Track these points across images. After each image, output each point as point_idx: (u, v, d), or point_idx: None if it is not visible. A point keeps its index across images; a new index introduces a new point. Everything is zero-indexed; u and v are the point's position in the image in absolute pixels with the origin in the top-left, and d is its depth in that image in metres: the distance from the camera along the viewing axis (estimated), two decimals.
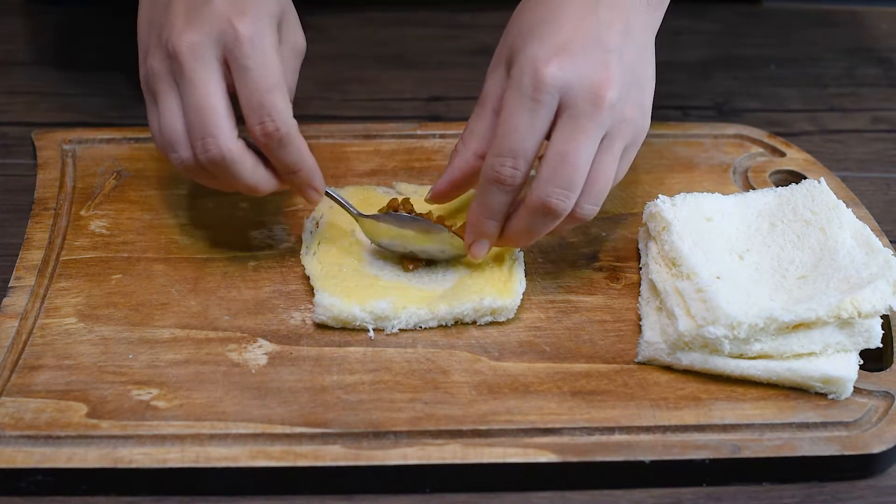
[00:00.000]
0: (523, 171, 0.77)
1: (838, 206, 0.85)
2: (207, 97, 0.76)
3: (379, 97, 1.11)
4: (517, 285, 0.82)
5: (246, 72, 0.76)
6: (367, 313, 0.80)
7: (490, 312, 0.81)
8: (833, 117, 1.10)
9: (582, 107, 0.75)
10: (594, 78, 0.76)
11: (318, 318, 0.80)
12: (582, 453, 0.72)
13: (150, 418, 0.73)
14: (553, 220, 0.78)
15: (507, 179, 0.77)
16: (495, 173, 0.77)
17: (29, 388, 0.75)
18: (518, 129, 0.76)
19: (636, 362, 0.79)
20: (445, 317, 0.81)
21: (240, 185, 0.80)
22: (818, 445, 0.73)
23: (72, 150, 0.97)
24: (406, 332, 0.80)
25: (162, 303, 0.82)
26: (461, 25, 1.23)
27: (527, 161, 0.77)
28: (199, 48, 0.76)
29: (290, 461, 0.71)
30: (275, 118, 0.77)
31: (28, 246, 0.86)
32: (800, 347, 0.76)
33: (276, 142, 0.78)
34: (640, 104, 0.80)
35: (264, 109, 0.77)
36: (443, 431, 0.73)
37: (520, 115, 0.76)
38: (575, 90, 0.76)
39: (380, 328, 0.81)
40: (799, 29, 1.25)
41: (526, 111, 0.76)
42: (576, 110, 0.76)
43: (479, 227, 0.80)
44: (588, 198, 0.78)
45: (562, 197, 0.76)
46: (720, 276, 0.79)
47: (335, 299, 0.80)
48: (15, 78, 1.12)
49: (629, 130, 0.79)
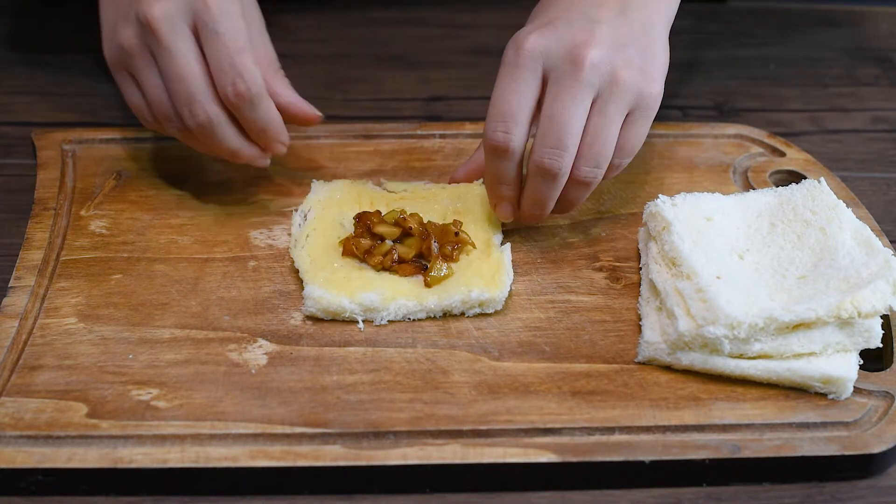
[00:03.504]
0: (515, 135, 0.80)
1: (838, 206, 0.85)
2: (189, 64, 0.81)
3: (379, 97, 1.11)
4: (505, 277, 0.83)
5: (216, 36, 0.81)
6: (356, 305, 0.80)
7: (478, 304, 0.81)
8: (833, 117, 1.10)
9: (563, 67, 0.79)
10: (574, 40, 0.79)
11: (308, 310, 0.81)
12: (582, 453, 0.72)
13: (150, 418, 0.73)
14: (552, 180, 0.81)
15: (501, 144, 0.81)
16: (489, 140, 0.81)
17: (29, 388, 0.75)
18: (504, 95, 0.80)
19: (636, 362, 0.79)
20: (434, 309, 0.81)
21: (223, 149, 0.85)
22: (818, 445, 0.73)
23: (72, 150, 0.97)
24: (406, 332, 0.80)
25: (162, 303, 0.82)
26: (461, 25, 1.23)
27: (517, 124, 0.80)
28: (172, 17, 0.80)
29: (290, 461, 0.71)
30: (246, 78, 0.81)
31: (28, 246, 0.86)
32: (800, 347, 0.76)
33: (247, 102, 0.82)
34: (642, 68, 0.81)
35: (235, 70, 0.81)
36: (443, 431, 0.73)
37: (504, 82, 0.81)
38: (555, 53, 0.80)
39: (369, 320, 0.81)
40: (799, 29, 1.25)
41: (509, 77, 0.80)
42: (558, 72, 0.79)
43: (495, 192, 0.86)
44: (585, 160, 0.81)
45: (553, 156, 0.80)
46: (720, 276, 0.79)
47: (324, 291, 0.81)
48: (15, 78, 1.12)
49: (625, 94, 0.80)
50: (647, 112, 0.82)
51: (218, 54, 0.81)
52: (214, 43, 0.81)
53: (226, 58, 0.81)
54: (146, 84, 0.83)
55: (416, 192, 0.92)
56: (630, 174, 0.96)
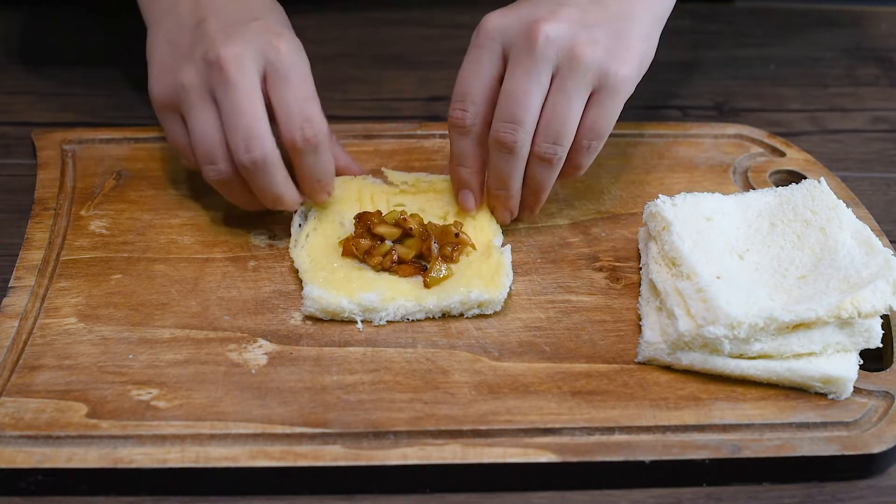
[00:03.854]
0: (470, 112, 0.83)
1: (838, 206, 0.85)
2: (253, 103, 0.80)
3: (379, 97, 1.11)
4: (504, 278, 0.83)
5: (287, 82, 0.82)
6: (355, 305, 0.81)
7: (477, 305, 0.81)
8: (833, 117, 1.10)
9: (518, 44, 0.81)
10: (532, 17, 0.80)
11: (307, 310, 0.81)
12: (582, 453, 0.72)
13: (150, 418, 0.73)
14: (509, 154, 0.82)
15: (458, 122, 0.83)
16: (449, 119, 0.84)
17: (29, 388, 0.75)
18: (463, 75, 0.83)
19: (636, 362, 0.79)
20: (433, 309, 0.81)
21: (268, 195, 0.83)
22: (818, 445, 0.73)
23: (72, 150, 0.97)
24: (406, 332, 0.80)
25: (162, 303, 0.82)
26: (461, 25, 1.23)
27: (473, 102, 0.83)
28: (244, 59, 0.81)
29: (290, 461, 0.71)
30: (314, 124, 0.81)
31: (28, 246, 0.86)
32: (800, 347, 0.76)
33: (312, 148, 0.82)
34: (608, 49, 0.81)
35: (304, 116, 0.81)
36: (443, 431, 0.73)
37: (466, 63, 0.83)
38: (512, 31, 0.81)
39: (368, 320, 0.81)
40: (799, 29, 1.25)
41: (470, 58, 0.83)
42: (514, 49, 0.81)
43: (456, 176, 0.87)
44: (544, 136, 0.82)
45: (508, 130, 0.81)
46: (720, 276, 0.79)
47: (323, 291, 0.81)
48: (15, 78, 1.12)
49: (584, 70, 0.80)
50: (612, 92, 0.82)
51: (287, 99, 0.81)
52: (286, 88, 0.81)
53: (295, 103, 0.81)
54: (199, 120, 0.82)
55: (417, 184, 0.92)
56: (630, 174, 0.96)
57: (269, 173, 0.81)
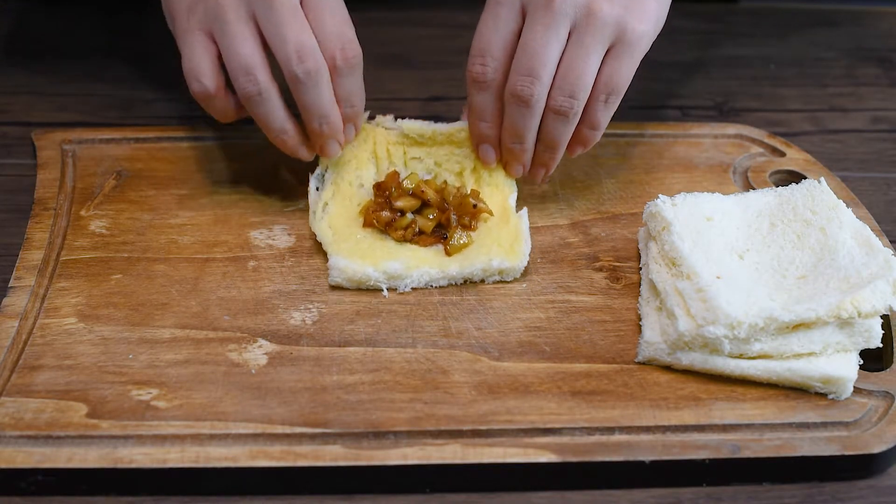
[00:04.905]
0: (490, 66, 0.84)
1: (838, 206, 0.85)
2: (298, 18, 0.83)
3: (379, 97, 1.11)
4: (523, 245, 0.85)
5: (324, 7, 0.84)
6: (380, 273, 0.83)
7: (498, 272, 0.84)
8: (833, 117, 1.10)
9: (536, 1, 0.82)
10: None
11: (334, 280, 0.83)
12: (582, 453, 0.72)
13: (150, 418, 0.73)
14: (525, 107, 0.83)
15: (479, 76, 0.84)
16: (469, 74, 0.85)
17: (29, 388, 0.75)
18: (481, 31, 0.84)
19: (636, 362, 0.79)
20: (456, 276, 0.84)
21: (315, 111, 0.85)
22: (818, 445, 0.73)
23: (72, 150, 0.97)
24: (406, 332, 0.80)
25: (162, 303, 0.82)
26: (461, 25, 1.22)
27: (492, 57, 0.84)
28: None
29: (290, 461, 0.71)
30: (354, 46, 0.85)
31: (28, 246, 0.86)
32: (800, 347, 0.76)
33: (350, 67, 0.84)
34: (625, 5, 0.82)
35: (344, 38, 0.84)
36: (443, 431, 0.73)
37: (484, 18, 0.84)
38: None
39: (393, 287, 0.83)
40: (799, 29, 1.25)
41: (489, 14, 0.84)
42: (532, 5, 0.82)
43: (475, 130, 0.88)
44: (560, 90, 0.83)
45: (526, 83, 0.82)
46: (720, 276, 0.79)
47: (349, 261, 0.83)
48: (15, 78, 1.11)
49: (602, 26, 0.81)
50: (629, 48, 0.83)
51: (325, 22, 0.84)
52: (323, 12, 0.84)
53: (334, 26, 0.84)
54: (238, 33, 0.82)
55: (434, 137, 0.93)
56: (630, 174, 0.96)
57: (319, 85, 0.83)
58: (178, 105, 1.07)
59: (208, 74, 0.84)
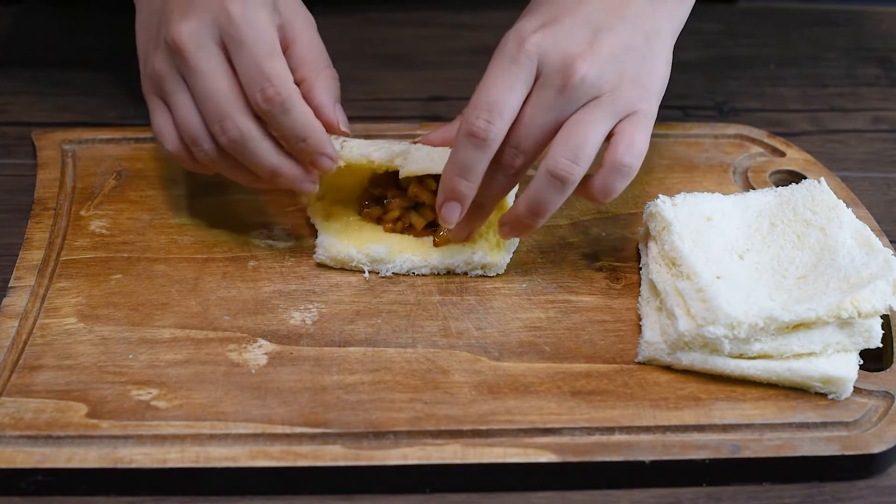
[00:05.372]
0: (496, 127, 0.77)
1: (838, 206, 0.85)
2: (217, 81, 0.78)
3: (379, 97, 1.11)
4: (509, 243, 0.86)
5: (242, 46, 0.78)
6: (363, 255, 0.85)
7: (481, 266, 0.85)
8: (833, 117, 1.10)
9: (551, 77, 0.77)
10: (570, 50, 0.77)
11: (318, 257, 0.85)
12: (582, 453, 0.72)
13: (150, 418, 0.73)
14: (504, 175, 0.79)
15: (480, 132, 0.77)
16: (468, 125, 0.77)
17: (29, 388, 0.75)
18: (495, 85, 0.77)
19: (636, 362, 0.79)
20: (438, 266, 0.85)
21: (261, 167, 0.80)
22: (818, 445, 0.73)
23: (72, 150, 0.97)
24: (406, 332, 0.80)
25: (162, 303, 0.82)
26: (461, 25, 1.23)
27: (501, 117, 0.77)
28: (199, 36, 0.78)
29: (290, 461, 0.71)
30: (274, 83, 0.77)
31: (28, 246, 0.86)
32: (800, 347, 0.76)
33: (278, 107, 0.78)
34: (635, 81, 0.79)
35: (263, 76, 0.77)
36: (443, 431, 0.73)
37: (498, 73, 0.78)
38: (550, 59, 0.77)
39: (375, 271, 0.85)
40: (799, 29, 1.25)
41: (504, 70, 0.77)
42: (545, 80, 0.78)
43: (449, 185, 0.79)
44: (563, 152, 0.77)
45: (510, 154, 0.79)
46: (720, 276, 0.79)
47: (335, 241, 0.85)
48: (15, 78, 1.12)
49: (614, 101, 0.78)
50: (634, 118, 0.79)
51: (245, 63, 0.78)
52: (241, 53, 0.78)
53: (252, 65, 0.78)
54: (176, 107, 0.80)
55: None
56: None
57: (250, 147, 0.79)
58: None
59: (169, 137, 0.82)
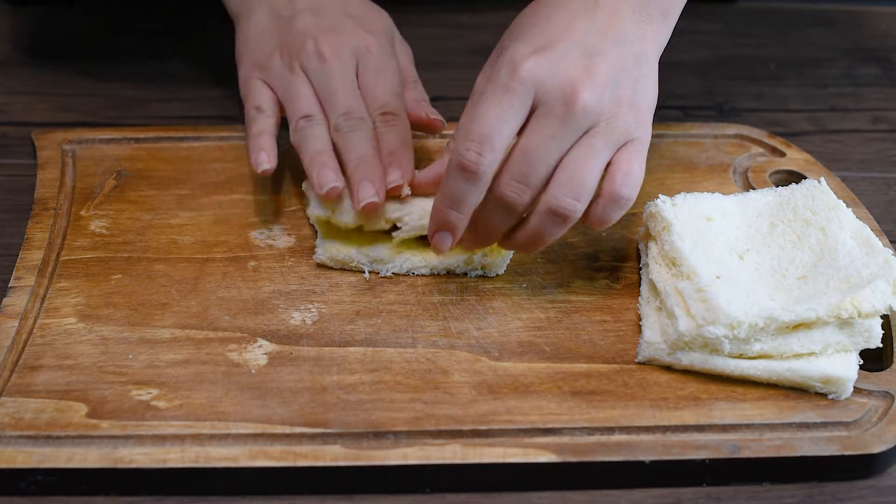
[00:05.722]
0: (488, 160, 0.75)
1: (838, 206, 0.85)
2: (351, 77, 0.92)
3: None
4: None
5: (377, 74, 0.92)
6: (363, 255, 0.85)
7: (480, 267, 0.85)
8: (833, 117, 1.10)
9: (552, 105, 0.75)
10: (569, 78, 0.75)
11: (318, 257, 0.85)
12: (582, 453, 0.72)
13: (150, 418, 0.73)
14: (510, 213, 0.77)
15: (470, 165, 0.75)
16: (458, 157, 0.75)
17: (29, 388, 0.75)
18: (487, 115, 0.75)
19: (636, 362, 0.79)
20: (438, 266, 0.85)
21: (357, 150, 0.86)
22: (818, 445, 0.73)
23: (72, 150, 0.97)
24: (406, 332, 0.80)
25: (162, 303, 0.82)
26: (461, 25, 1.23)
27: (493, 149, 0.74)
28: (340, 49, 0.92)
29: (290, 461, 0.71)
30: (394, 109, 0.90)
31: (28, 246, 0.86)
32: (800, 347, 0.76)
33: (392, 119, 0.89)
34: (631, 104, 0.78)
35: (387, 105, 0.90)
36: (443, 431, 0.73)
37: (490, 102, 0.75)
38: (548, 88, 0.75)
39: (375, 271, 0.85)
40: (799, 29, 1.25)
41: (497, 100, 0.75)
42: (546, 109, 0.75)
43: (440, 217, 0.78)
44: (566, 190, 0.76)
45: (516, 190, 0.76)
46: (720, 276, 0.79)
47: (335, 241, 0.85)
48: (15, 78, 1.12)
49: (612, 128, 0.77)
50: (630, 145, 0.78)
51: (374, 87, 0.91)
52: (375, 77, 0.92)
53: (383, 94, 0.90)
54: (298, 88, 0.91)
55: None
56: None
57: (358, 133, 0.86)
58: (178, 105, 1.07)
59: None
